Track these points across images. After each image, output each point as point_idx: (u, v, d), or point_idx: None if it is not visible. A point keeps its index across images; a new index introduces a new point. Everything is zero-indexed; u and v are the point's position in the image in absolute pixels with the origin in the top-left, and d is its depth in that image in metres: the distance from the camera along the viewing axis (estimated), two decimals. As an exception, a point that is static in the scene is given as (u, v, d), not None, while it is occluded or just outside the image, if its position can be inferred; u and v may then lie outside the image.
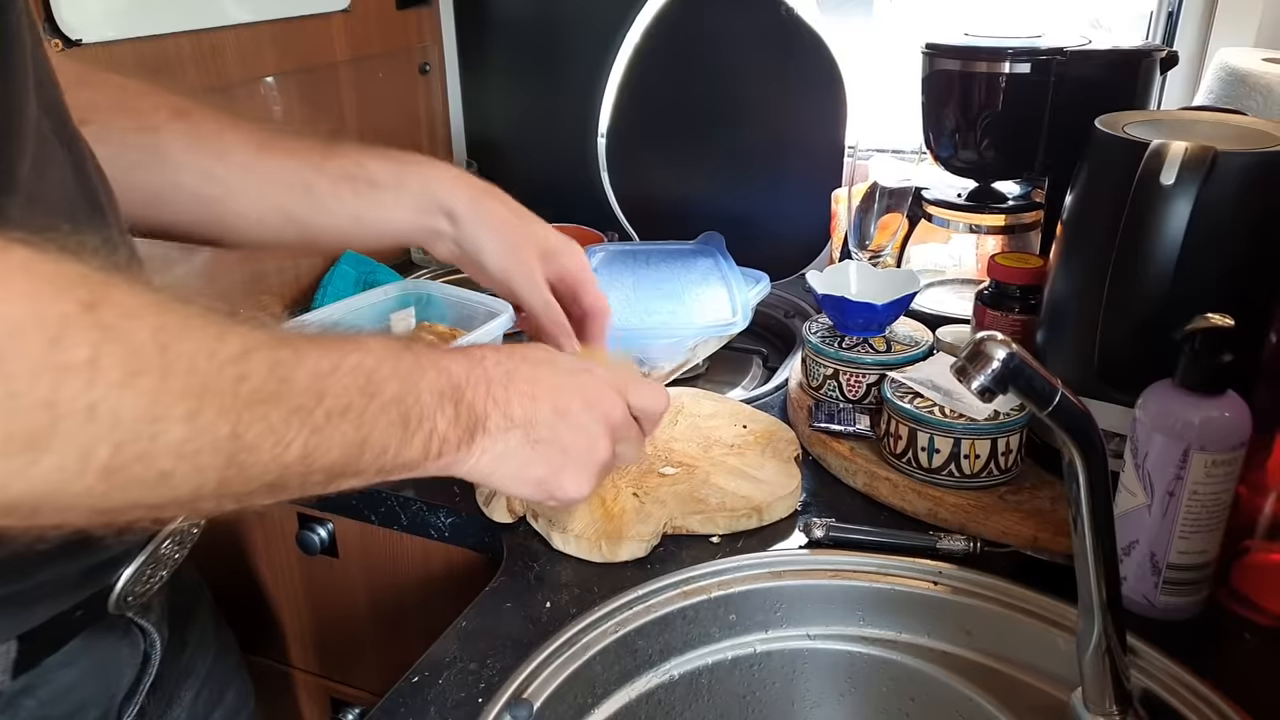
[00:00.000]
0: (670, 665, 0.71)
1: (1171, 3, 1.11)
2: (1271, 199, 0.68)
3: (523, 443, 0.55)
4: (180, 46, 1.03)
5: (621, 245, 1.26)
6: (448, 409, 0.51)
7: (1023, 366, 0.48)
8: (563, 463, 0.57)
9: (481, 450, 0.53)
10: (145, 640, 0.65)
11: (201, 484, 0.38)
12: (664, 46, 1.31)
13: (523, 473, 0.56)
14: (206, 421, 0.37)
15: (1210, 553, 0.66)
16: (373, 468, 0.47)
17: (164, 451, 0.36)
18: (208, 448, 0.38)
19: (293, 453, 0.41)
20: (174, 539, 0.63)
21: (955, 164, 1.00)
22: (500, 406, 0.54)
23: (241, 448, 0.39)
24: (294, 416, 0.41)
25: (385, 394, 0.46)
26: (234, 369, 0.38)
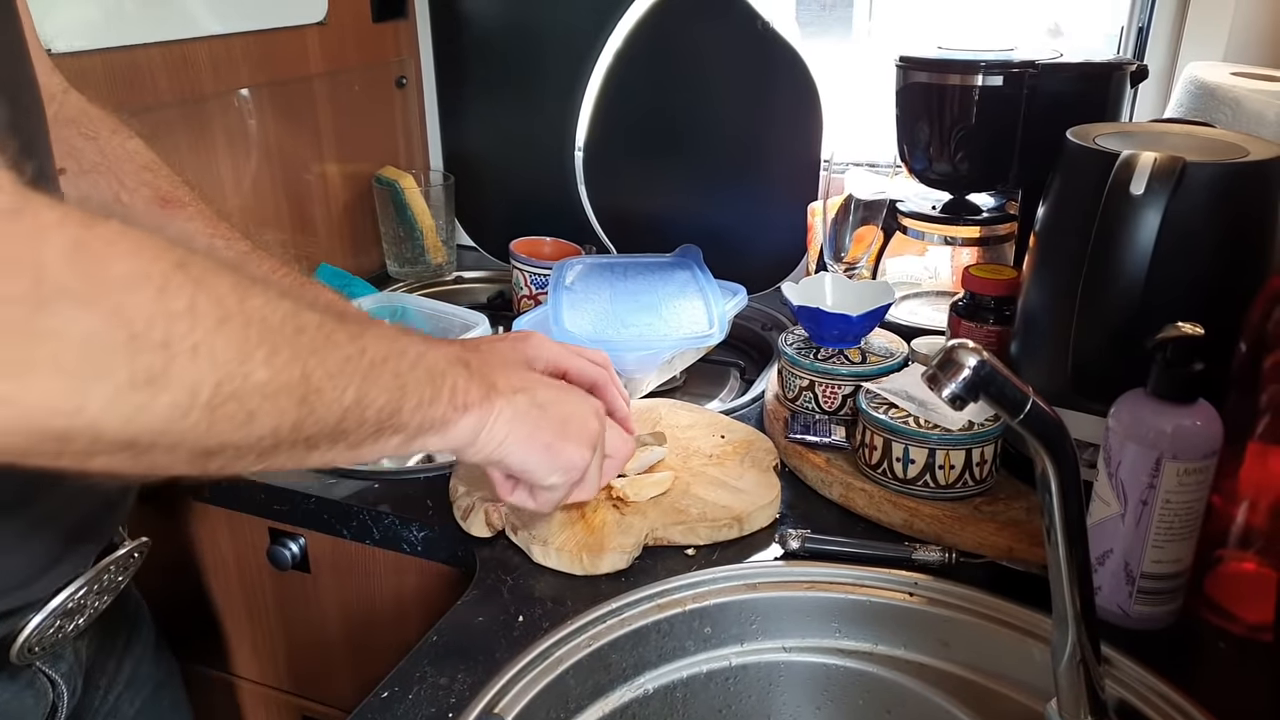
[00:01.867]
0: (644, 679, 0.70)
1: (1142, 18, 1.12)
2: (1240, 209, 0.68)
3: (529, 405, 0.59)
4: (151, 57, 1.02)
5: (599, 258, 1.26)
6: (460, 370, 0.55)
7: (994, 374, 0.48)
8: (564, 430, 0.61)
9: (499, 411, 0.57)
10: (54, 691, 0.63)
11: (280, 424, 0.42)
12: (641, 60, 1.31)
13: (534, 435, 0.59)
14: (281, 364, 0.41)
15: (1184, 562, 0.66)
16: (414, 421, 0.51)
17: (252, 391, 0.40)
18: (284, 389, 0.42)
19: (349, 396, 0.46)
20: (92, 588, 0.62)
21: (929, 176, 1.01)
22: (503, 374, 0.59)
23: (310, 390, 0.43)
24: (346, 364, 0.46)
25: (411, 353, 0.51)
26: (293, 322, 0.43)
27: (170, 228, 0.69)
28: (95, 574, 0.62)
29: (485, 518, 0.78)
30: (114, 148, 0.68)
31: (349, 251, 1.39)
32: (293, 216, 1.28)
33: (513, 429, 0.58)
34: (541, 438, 0.60)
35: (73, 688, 0.64)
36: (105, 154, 0.67)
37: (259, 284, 0.42)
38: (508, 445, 0.58)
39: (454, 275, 1.44)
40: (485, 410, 0.56)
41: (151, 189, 0.69)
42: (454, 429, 0.54)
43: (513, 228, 1.35)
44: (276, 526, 0.92)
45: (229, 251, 0.71)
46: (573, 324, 1.05)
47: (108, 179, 0.67)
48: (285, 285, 0.47)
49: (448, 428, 0.54)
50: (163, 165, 0.71)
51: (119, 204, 0.67)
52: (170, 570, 1.00)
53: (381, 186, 1.37)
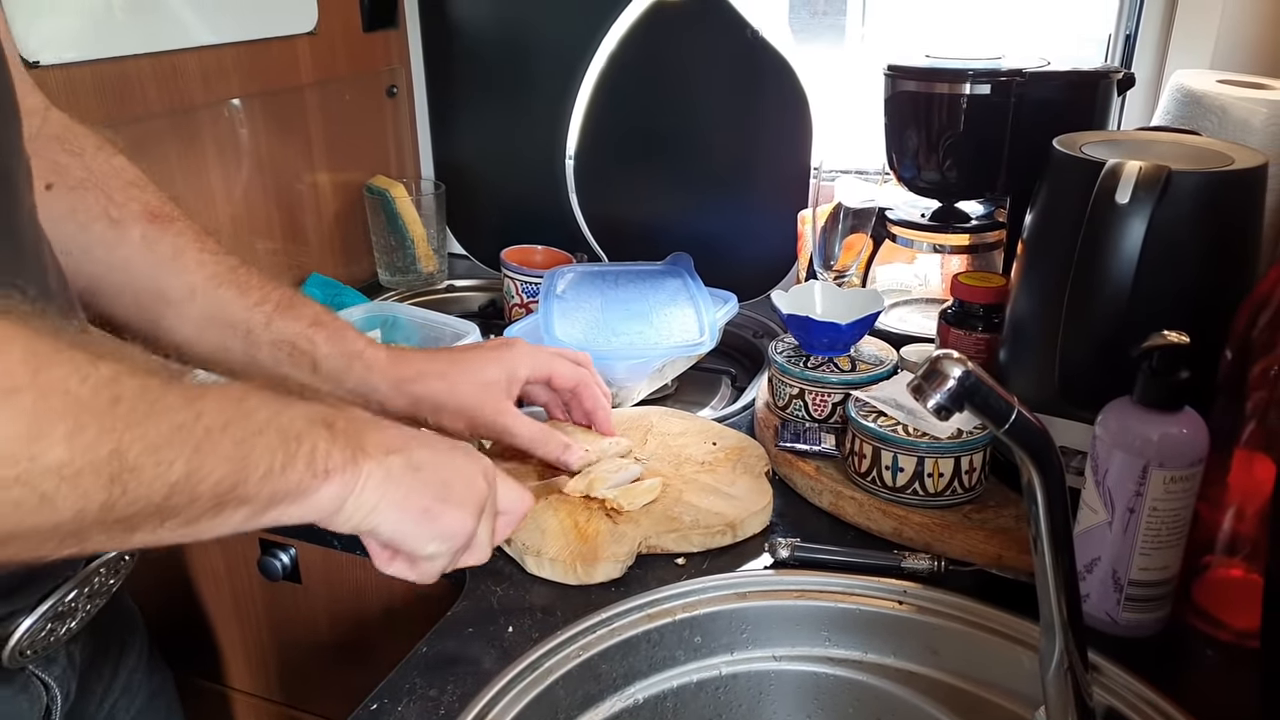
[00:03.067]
0: (635, 689, 0.70)
1: (1129, 26, 1.13)
2: (1224, 217, 0.69)
3: (404, 468, 0.54)
4: (141, 68, 1.02)
5: (590, 266, 1.26)
6: (323, 431, 0.50)
7: (979, 384, 0.48)
8: (444, 493, 0.56)
9: (368, 474, 0.51)
10: (47, 694, 0.63)
11: (85, 507, 0.38)
12: (631, 69, 1.32)
13: (409, 499, 0.54)
14: (88, 440, 0.37)
15: (1171, 569, 0.66)
16: (262, 492, 0.46)
17: (45, 473, 0.36)
18: (89, 468, 0.37)
19: (176, 471, 0.41)
20: (83, 590, 0.62)
21: (918, 184, 1.01)
22: (374, 435, 0.53)
23: (124, 467, 0.39)
24: (175, 434, 0.41)
25: (260, 415, 0.46)
26: (108, 391, 0.38)
27: (161, 242, 0.69)
28: (85, 577, 0.62)
29: (476, 528, 0.78)
30: (99, 164, 0.68)
31: (340, 261, 1.39)
32: (284, 226, 1.28)
33: (385, 494, 0.52)
34: (418, 502, 0.54)
35: (66, 691, 0.64)
36: (91, 170, 0.67)
37: (69, 350, 0.38)
38: (380, 512, 0.52)
39: (445, 284, 1.44)
40: (351, 475, 0.50)
41: (140, 204, 0.69)
42: (313, 497, 0.49)
43: (504, 236, 1.35)
44: (267, 537, 0.91)
45: (217, 266, 0.71)
46: (564, 332, 1.05)
47: (95, 194, 0.67)
48: (113, 345, 0.43)
49: (305, 497, 0.48)
50: (149, 181, 0.71)
51: (108, 219, 0.67)
52: (162, 581, 1.00)
53: (373, 195, 1.38)
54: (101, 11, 0.98)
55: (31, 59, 0.90)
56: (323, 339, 0.73)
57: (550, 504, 0.80)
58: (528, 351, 0.75)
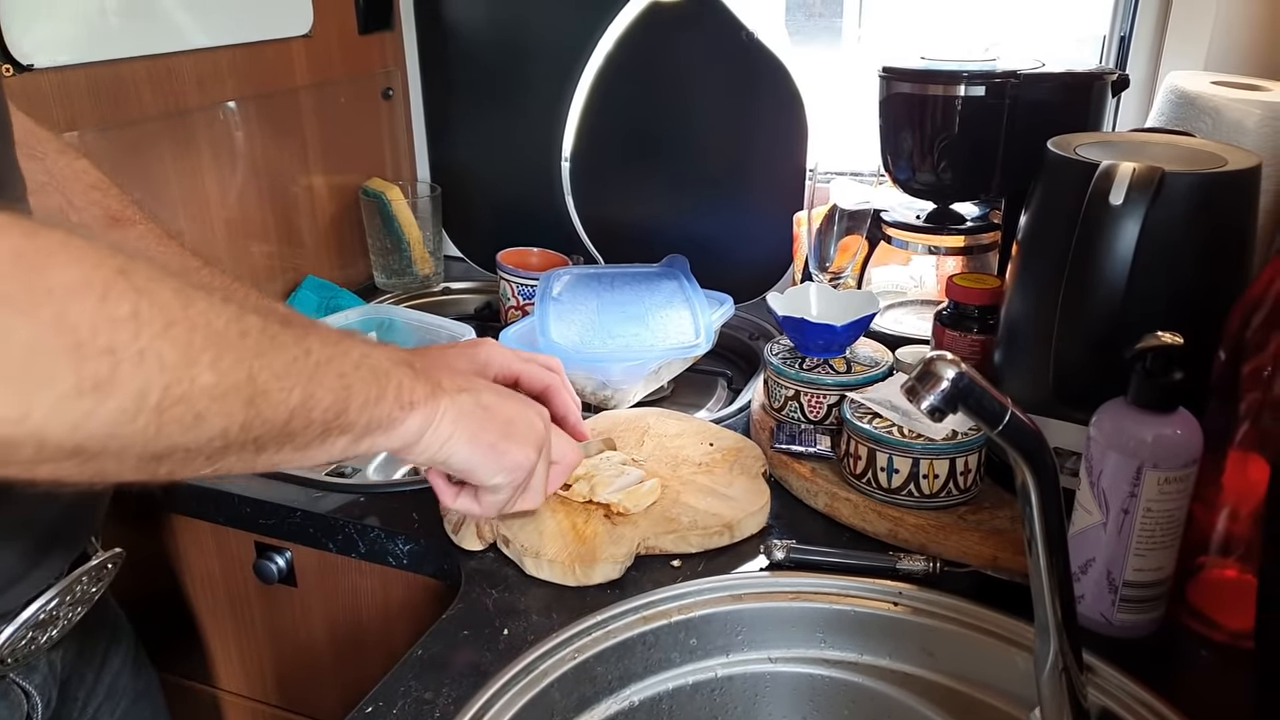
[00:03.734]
0: (630, 691, 0.70)
1: (1123, 27, 1.13)
2: (1218, 218, 0.69)
3: (474, 405, 0.59)
4: (135, 71, 1.02)
5: (586, 268, 1.26)
6: (404, 370, 0.55)
7: (972, 386, 0.48)
8: (509, 431, 0.61)
9: (444, 409, 0.57)
10: (28, 702, 0.63)
11: (228, 426, 0.43)
12: (627, 71, 1.32)
13: (479, 434, 0.59)
14: (227, 366, 0.42)
15: (1166, 570, 0.66)
16: (360, 420, 0.51)
17: (200, 394, 0.41)
18: (231, 391, 0.42)
19: (295, 397, 0.46)
20: (65, 599, 0.62)
21: (913, 186, 1.01)
22: (447, 375, 0.59)
23: (256, 391, 0.43)
24: (292, 366, 0.46)
25: (354, 354, 0.51)
26: (237, 325, 0.43)
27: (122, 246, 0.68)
28: (67, 585, 0.62)
29: (476, 530, 0.78)
30: (61, 167, 0.68)
31: (336, 263, 1.39)
32: (279, 229, 1.28)
33: (458, 427, 0.58)
34: (486, 437, 0.60)
35: (47, 699, 0.64)
36: (52, 173, 0.67)
37: (202, 289, 0.43)
38: (452, 444, 0.58)
39: (441, 286, 1.44)
40: (431, 408, 0.56)
41: (101, 207, 0.69)
42: (400, 427, 0.54)
43: (500, 239, 1.35)
44: (262, 540, 0.91)
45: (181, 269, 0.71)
46: (559, 335, 1.05)
47: (55, 198, 0.67)
48: (229, 291, 0.47)
49: (394, 426, 0.54)
50: (111, 185, 0.71)
51: (68, 223, 0.67)
52: (157, 584, 1.00)
53: (368, 198, 1.37)
54: (95, 15, 0.98)
55: (25, 62, 0.90)
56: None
57: (549, 505, 0.80)
58: (496, 350, 0.75)
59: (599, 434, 0.91)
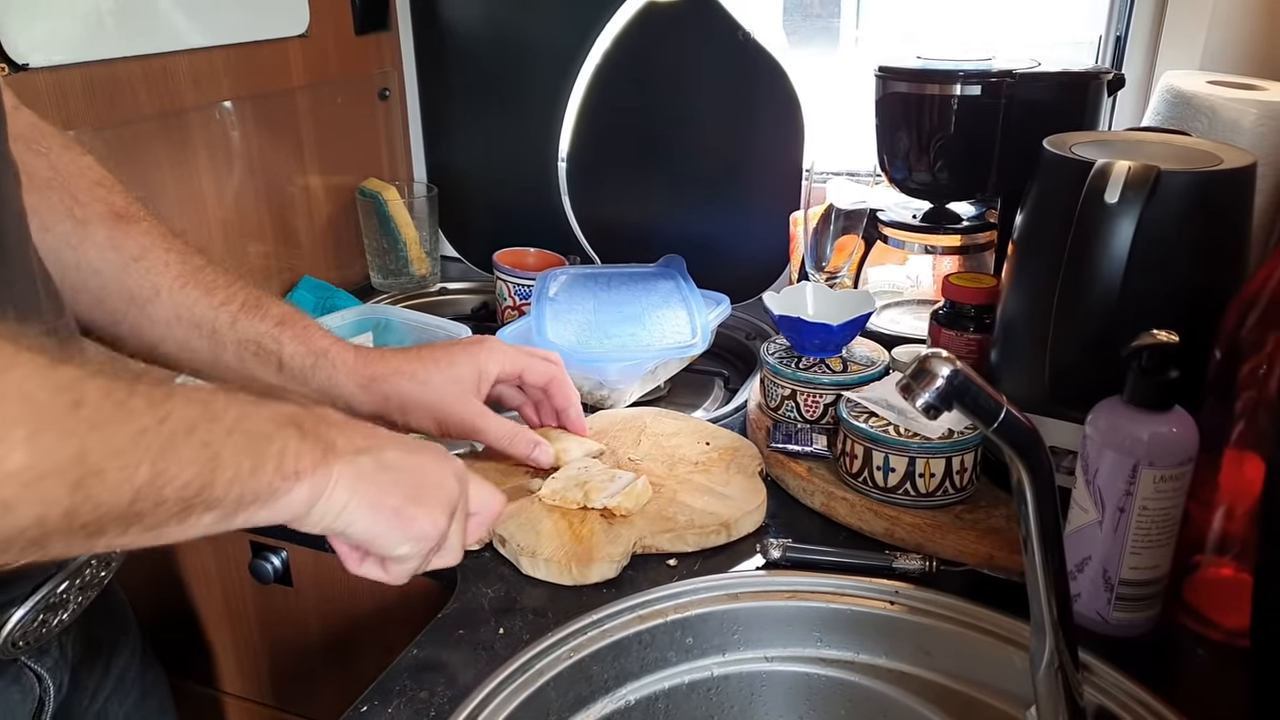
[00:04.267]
0: (626, 690, 0.70)
1: (1119, 27, 1.13)
2: (1214, 217, 0.69)
3: (375, 467, 0.53)
4: (131, 71, 1.02)
5: (582, 269, 1.26)
6: (293, 432, 0.49)
7: (967, 383, 0.48)
8: (416, 494, 0.55)
9: (338, 476, 0.50)
10: (40, 686, 0.63)
11: (47, 514, 0.37)
12: (623, 71, 1.32)
13: (381, 499, 0.53)
14: (48, 444, 0.37)
15: (1162, 568, 0.66)
16: (230, 495, 0.45)
17: (6, 479, 0.35)
18: (51, 472, 0.37)
19: (142, 475, 0.40)
20: (74, 582, 0.62)
21: (909, 186, 1.01)
22: (344, 435, 0.53)
23: (87, 471, 0.38)
24: (140, 437, 0.40)
25: (228, 417, 0.45)
26: (68, 395, 0.38)
27: (126, 242, 0.69)
28: (77, 568, 0.62)
29: (470, 528, 0.78)
30: (65, 164, 0.68)
31: (332, 264, 1.39)
32: (276, 229, 1.28)
33: (356, 493, 0.51)
34: (389, 502, 0.53)
35: (59, 683, 0.65)
36: (57, 170, 0.67)
37: (26, 353, 0.38)
38: (349, 513, 0.52)
39: (438, 287, 1.44)
40: (322, 476, 0.50)
41: (105, 204, 0.68)
42: (284, 499, 0.48)
43: (496, 239, 1.35)
44: (258, 540, 0.91)
45: (183, 266, 0.71)
46: (556, 335, 1.05)
47: (60, 194, 0.66)
48: (75, 349, 0.42)
49: (275, 499, 0.47)
50: (116, 181, 0.70)
51: (72, 219, 0.67)
52: (153, 585, 1.00)
53: (365, 198, 1.37)
54: (91, 14, 0.98)
55: (21, 61, 0.90)
56: (289, 338, 0.73)
57: (544, 506, 0.80)
58: (498, 348, 0.75)
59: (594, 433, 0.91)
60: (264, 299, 0.74)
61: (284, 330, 0.73)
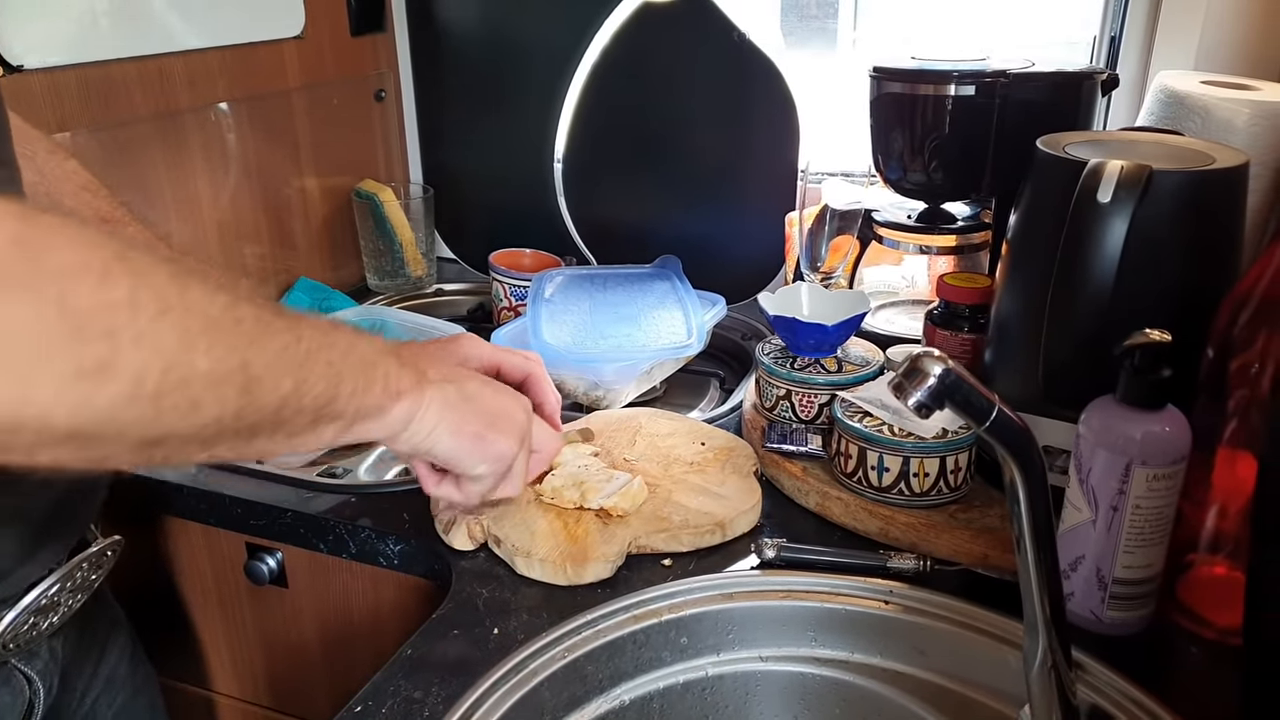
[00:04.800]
0: (620, 690, 0.70)
1: (1114, 27, 1.13)
2: (1206, 216, 0.69)
3: (459, 396, 0.60)
4: (126, 72, 1.02)
5: (578, 269, 1.26)
6: (391, 360, 0.55)
7: (959, 382, 0.48)
8: (493, 422, 0.62)
9: (429, 399, 0.57)
10: (30, 688, 0.63)
11: (223, 412, 0.43)
12: (619, 72, 1.32)
13: (463, 424, 0.60)
14: (222, 353, 0.42)
15: (1155, 567, 0.66)
16: (349, 408, 0.51)
17: (196, 380, 0.41)
18: (225, 378, 0.42)
19: (287, 385, 0.46)
20: (65, 585, 0.62)
21: (904, 186, 1.01)
22: (433, 365, 0.60)
23: (250, 378, 0.44)
24: (284, 353, 0.46)
25: (341, 343, 0.51)
26: (231, 313, 0.43)
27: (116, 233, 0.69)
28: (68, 571, 0.62)
29: (467, 530, 0.78)
30: (51, 167, 0.68)
31: (328, 265, 1.39)
32: (272, 230, 1.28)
33: (443, 417, 0.58)
34: (470, 427, 0.60)
35: (49, 685, 0.65)
36: (43, 173, 0.67)
37: (196, 276, 0.43)
38: (437, 433, 0.59)
39: (434, 288, 1.44)
40: (417, 397, 0.57)
41: (91, 209, 0.69)
42: (388, 415, 0.55)
43: (493, 240, 1.35)
44: (253, 541, 0.91)
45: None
46: (551, 336, 1.05)
47: (46, 198, 0.67)
48: (221, 280, 0.48)
49: (383, 414, 0.54)
50: (101, 186, 0.71)
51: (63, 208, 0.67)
52: (148, 586, 1.00)
53: (361, 200, 1.37)
54: (86, 16, 0.98)
55: (16, 63, 0.90)
56: None
57: (539, 506, 0.80)
58: (474, 344, 0.75)
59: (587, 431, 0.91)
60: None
61: None
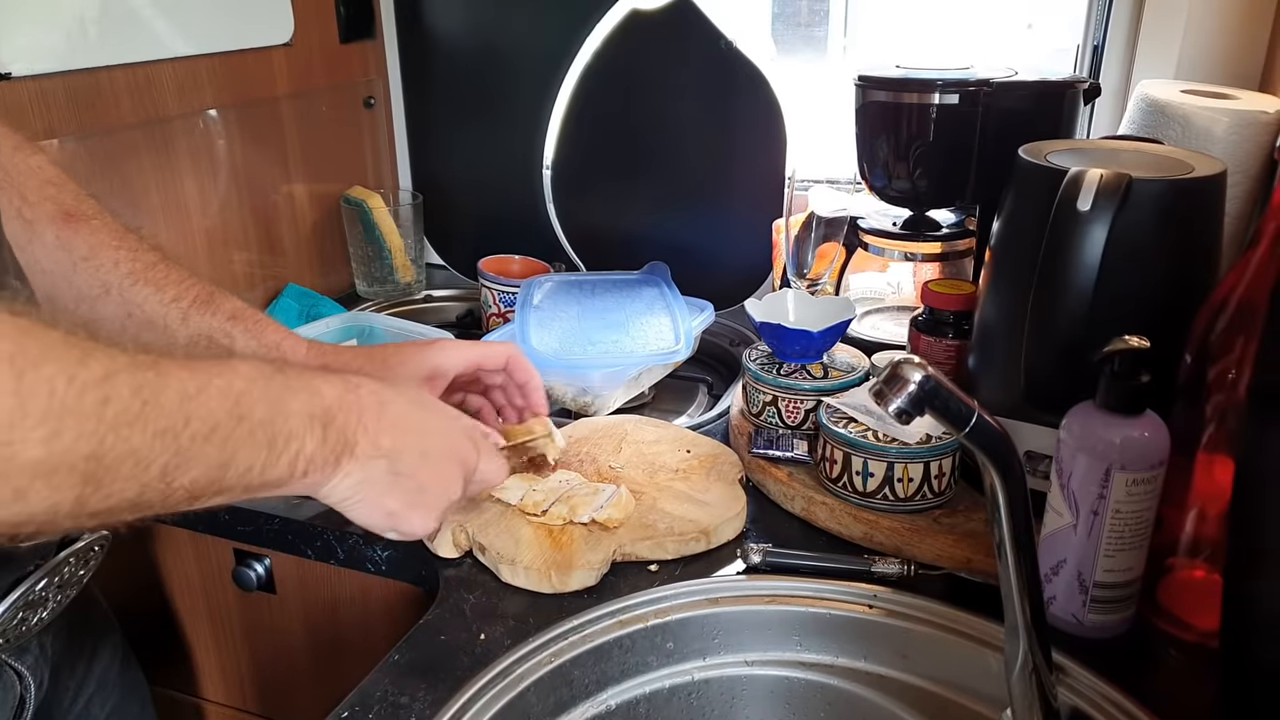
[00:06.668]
0: (607, 695, 0.70)
1: (1096, 36, 1.14)
2: (1184, 224, 0.70)
3: (386, 472, 0.57)
4: (114, 79, 1.02)
5: (566, 276, 1.27)
6: (317, 430, 0.52)
7: (938, 388, 0.49)
8: (418, 500, 0.59)
9: (345, 474, 0.54)
10: (20, 683, 0.63)
11: (58, 502, 0.39)
12: (608, 80, 1.32)
13: (380, 501, 0.57)
14: (66, 444, 0.38)
15: (1135, 571, 0.67)
16: (238, 485, 0.48)
17: (19, 471, 0.37)
18: (64, 468, 0.38)
19: (153, 472, 0.42)
20: (53, 580, 0.62)
21: (889, 193, 1.02)
22: (370, 435, 0.55)
23: (101, 468, 0.39)
24: (158, 439, 0.42)
25: (253, 417, 0.47)
26: (96, 392, 0.39)
27: (75, 241, 0.68)
28: (55, 566, 0.62)
29: (452, 538, 0.78)
30: (16, 164, 0.67)
31: (317, 271, 1.39)
32: (260, 237, 1.28)
33: (359, 491, 0.56)
34: (388, 504, 0.58)
35: (39, 681, 0.65)
36: (7, 170, 0.66)
37: (61, 347, 0.39)
38: (351, 503, 0.57)
39: (423, 294, 1.44)
40: (329, 473, 0.54)
41: (55, 203, 0.68)
42: (288, 487, 0.52)
43: (481, 246, 1.35)
44: (241, 547, 0.91)
45: (134, 263, 0.70)
46: (540, 342, 1.05)
47: (9, 194, 0.66)
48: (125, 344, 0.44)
49: (281, 488, 0.51)
50: (68, 181, 0.70)
51: (20, 219, 0.66)
52: (136, 593, 1.00)
53: (350, 206, 1.38)
54: (74, 23, 0.98)
55: (3, 71, 0.90)
56: (240, 332, 0.73)
57: (524, 517, 0.80)
58: (451, 346, 0.76)
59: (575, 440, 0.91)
60: (216, 294, 0.73)
61: (235, 324, 0.73)
